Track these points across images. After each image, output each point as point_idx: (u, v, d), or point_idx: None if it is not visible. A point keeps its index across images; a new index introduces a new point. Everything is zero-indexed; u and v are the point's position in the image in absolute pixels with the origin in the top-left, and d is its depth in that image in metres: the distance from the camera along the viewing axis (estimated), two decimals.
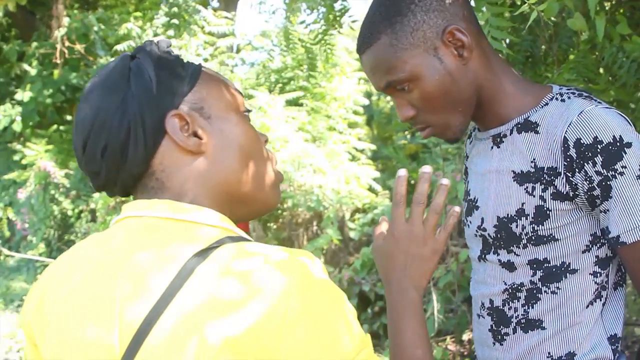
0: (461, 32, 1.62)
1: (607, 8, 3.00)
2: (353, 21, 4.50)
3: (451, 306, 5.27)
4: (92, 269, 1.21)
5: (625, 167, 1.51)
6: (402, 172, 1.57)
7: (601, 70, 2.94)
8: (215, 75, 1.36)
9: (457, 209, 1.55)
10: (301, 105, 8.80)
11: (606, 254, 1.66)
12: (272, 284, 1.07)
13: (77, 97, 12.21)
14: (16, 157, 11.98)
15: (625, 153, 1.51)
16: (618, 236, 1.56)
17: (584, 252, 1.64)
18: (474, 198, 1.81)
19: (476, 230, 1.79)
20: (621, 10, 3.18)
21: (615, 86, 2.83)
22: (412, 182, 11.01)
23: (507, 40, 3.09)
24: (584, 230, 1.63)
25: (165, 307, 1.09)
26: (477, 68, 1.67)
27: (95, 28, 11.01)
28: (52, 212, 11.00)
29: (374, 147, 9.67)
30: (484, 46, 1.70)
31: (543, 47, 3.24)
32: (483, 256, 1.78)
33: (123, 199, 8.50)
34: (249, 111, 1.38)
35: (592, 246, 1.64)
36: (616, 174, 1.52)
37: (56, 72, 11.61)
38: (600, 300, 1.68)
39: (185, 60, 1.33)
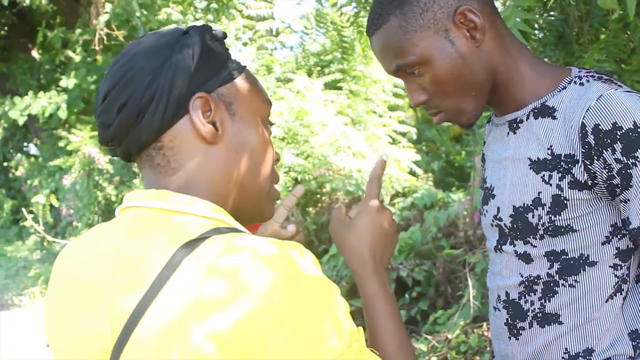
0: (473, 12, 1.55)
1: None
2: None
3: (487, 292, 5.18)
4: (90, 259, 1.22)
5: None
6: (384, 157, 1.60)
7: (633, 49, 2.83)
8: (254, 80, 1.36)
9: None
10: (340, 88, 8.74)
11: (627, 246, 1.57)
12: (258, 280, 1.05)
13: None
14: (61, 144, 12.14)
15: None
16: (638, 227, 1.48)
17: (603, 243, 1.56)
18: (491, 186, 1.74)
19: (492, 220, 1.71)
20: None
21: None
22: (456, 164, 10.97)
23: (540, 21, 3.00)
24: (603, 221, 1.55)
25: (153, 299, 1.09)
26: (491, 50, 1.59)
27: (138, 13, 11.04)
28: (96, 198, 11.12)
29: (414, 129, 9.56)
30: (499, 27, 1.62)
31: (575, 27, 3.14)
32: (499, 247, 1.71)
33: None
34: (272, 124, 1.39)
35: (613, 237, 1.56)
36: (637, 162, 1.43)
37: (99, 58, 11.69)
38: (621, 294, 1.59)
39: (230, 55, 1.33)
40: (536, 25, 3.13)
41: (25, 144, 17.59)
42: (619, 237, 1.56)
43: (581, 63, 2.78)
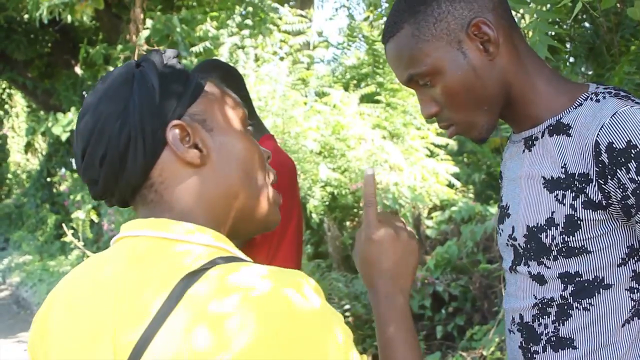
0: (487, 25, 1.50)
1: None
2: None
3: None
4: (90, 289, 1.20)
5: None
6: (370, 171, 1.49)
7: None
8: (219, 89, 1.33)
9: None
10: (377, 102, 8.71)
11: None
12: (246, 332, 1.03)
13: None
14: None
15: None
16: None
17: (619, 265, 1.51)
18: (506, 205, 1.70)
19: (507, 240, 1.66)
20: None
21: None
22: (497, 176, 10.87)
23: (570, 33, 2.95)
24: (619, 242, 1.50)
25: (157, 331, 1.07)
26: (505, 64, 1.55)
27: (178, 29, 11.13)
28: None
29: (452, 142, 9.49)
30: (516, 42, 1.58)
31: (605, 38, 3.07)
32: (514, 267, 1.66)
33: None
34: (251, 125, 1.36)
35: (629, 259, 1.50)
36: None
37: None
38: (638, 318, 1.53)
39: (189, 72, 1.30)
40: (566, 38, 3.08)
41: (69, 159, 17.81)
42: (635, 259, 1.51)
43: (612, 74, 2.72)
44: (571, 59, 3.16)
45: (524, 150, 1.63)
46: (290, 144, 7.32)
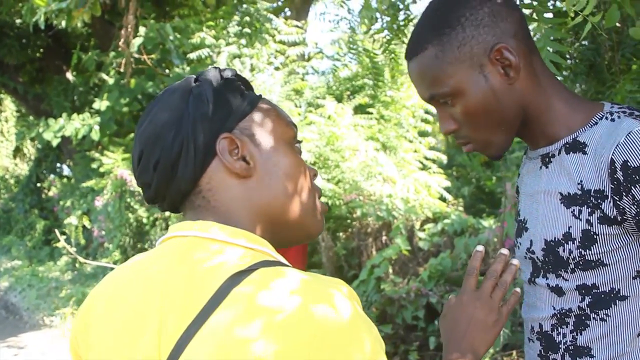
0: (509, 51, 1.55)
1: None
2: None
3: (518, 320, 5.16)
4: (138, 284, 1.25)
5: None
6: (480, 248, 1.62)
7: None
8: (272, 106, 1.40)
9: (518, 289, 1.61)
10: (370, 113, 8.75)
11: None
12: (275, 340, 1.07)
13: None
14: (94, 165, 12.25)
15: None
16: None
17: (634, 277, 1.56)
18: (524, 219, 1.75)
19: (525, 253, 1.72)
20: None
21: None
22: (487, 190, 10.92)
23: (571, 51, 3.01)
24: (634, 255, 1.55)
25: (199, 328, 1.11)
26: (524, 88, 1.60)
27: (171, 37, 11.16)
28: (128, 220, 11.19)
29: (444, 156, 9.56)
30: (535, 66, 1.63)
31: (606, 56, 3.14)
32: (533, 279, 1.71)
33: None
34: (299, 142, 1.43)
35: None
36: None
37: (133, 81, 11.80)
38: None
39: (245, 89, 1.37)
40: (567, 55, 3.13)
41: (58, 165, 17.78)
42: None
43: (613, 92, 2.78)
44: (571, 77, 3.22)
45: (540, 167, 1.68)
46: None
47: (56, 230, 12.05)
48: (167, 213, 9.98)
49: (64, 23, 8.81)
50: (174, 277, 1.20)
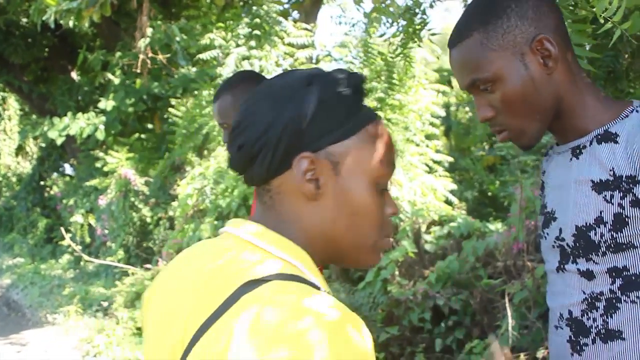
0: (550, 42, 1.64)
1: None
2: (432, 34, 4.49)
3: (526, 322, 5.19)
4: (182, 274, 1.29)
5: None
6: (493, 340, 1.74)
7: None
8: (381, 134, 1.31)
9: None
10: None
11: None
12: (282, 349, 1.05)
13: (158, 106, 12.48)
14: (98, 165, 12.31)
15: None
16: None
17: None
18: (552, 210, 1.81)
19: (554, 241, 1.78)
20: None
21: None
22: (490, 194, 10.95)
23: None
24: None
25: (210, 326, 1.14)
26: (560, 80, 1.68)
27: (178, 38, 11.21)
28: (132, 219, 11.24)
29: (451, 159, 9.60)
30: (570, 61, 1.71)
31: (625, 62, 3.18)
32: (562, 267, 1.76)
33: (201, 207, 8.62)
34: (385, 190, 1.34)
35: None
36: None
37: (139, 81, 11.87)
38: None
39: (355, 109, 1.29)
40: (585, 61, 3.17)
41: (61, 163, 17.83)
42: None
43: (631, 98, 2.82)
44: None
45: (571, 159, 1.75)
46: None
47: (62, 228, 12.09)
48: (171, 212, 10.01)
49: (71, 23, 8.86)
50: (205, 273, 1.23)
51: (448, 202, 8.52)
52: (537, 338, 5.00)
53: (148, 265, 9.07)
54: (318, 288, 1.20)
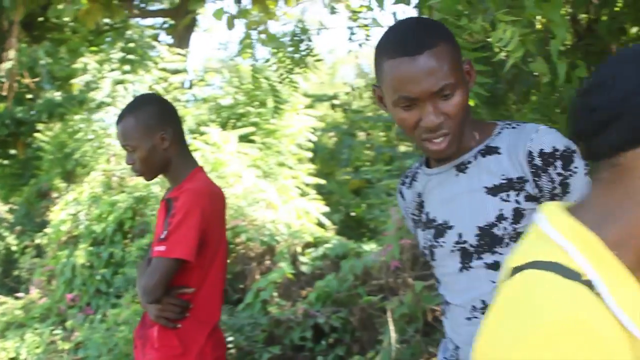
0: (471, 66, 1.97)
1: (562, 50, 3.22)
2: (317, 60, 4.70)
3: (405, 337, 5.40)
4: None
5: (577, 167, 1.89)
6: None
7: (557, 110, 3.16)
8: None
9: None
10: (253, 141, 8.94)
11: None
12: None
13: (21, 131, 12.18)
14: None
15: (575, 157, 1.89)
16: None
17: None
18: (444, 221, 2.05)
19: (453, 246, 2.02)
20: (577, 54, 3.41)
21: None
22: (353, 214, 11.23)
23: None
24: None
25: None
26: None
27: (43, 62, 11.03)
28: None
29: (323, 181, 9.84)
30: None
31: (503, 88, 3.45)
32: (466, 266, 2.01)
33: (75, 233, 8.49)
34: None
35: None
36: (572, 173, 1.89)
37: (2, 105, 11.58)
38: None
39: None
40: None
41: None
42: None
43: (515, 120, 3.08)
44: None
45: (457, 174, 2.02)
46: None
47: None
48: (39, 240, 9.76)
49: None
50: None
51: (320, 225, 8.72)
52: (417, 351, 5.23)
53: (20, 294, 8.83)
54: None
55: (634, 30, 3.86)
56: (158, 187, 7.85)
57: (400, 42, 1.88)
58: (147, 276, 2.86)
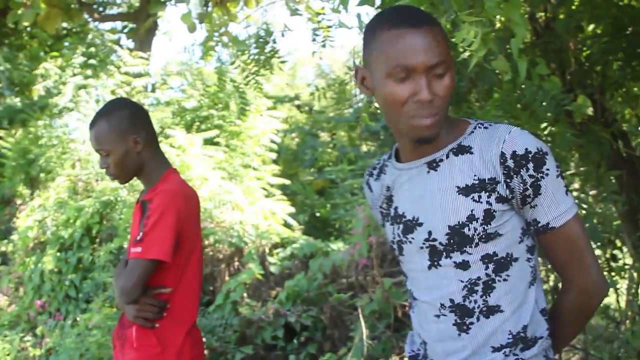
0: None
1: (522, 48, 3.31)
2: (282, 62, 4.76)
3: (376, 333, 5.48)
4: None
5: (548, 169, 1.90)
6: None
7: (519, 106, 3.25)
8: None
9: None
10: (217, 144, 8.97)
11: (532, 243, 2.02)
12: None
13: None
14: None
15: (547, 159, 1.91)
16: (547, 223, 1.94)
17: (519, 242, 1.98)
18: (414, 217, 2.07)
19: (422, 243, 2.04)
20: (537, 51, 3.51)
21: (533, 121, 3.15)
22: (318, 214, 11.29)
23: None
24: (517, 225, 1.97)
25: None
26: None
27: (1, 68, 10.95)
28: None
29: (288, 182, 9.90)
30: None
31: (464, 85, 3.54)
32: (434, 264, 2.03)
33: (42, 239, 8.46)
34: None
35: (524, 237, 1.99)
36: (543, 175, 1.90)
37: None
38: (535, 280, 2.02)
39: None
40: None
41: None
42: (527, 236, 2.00)
43: (478, 117, 3.17)
44: None
45: (428, 171, 2.04)
46: (137, 183, 7.44)
47: None
48: (3, 247, 9.71)
49: None
50: None
51: (287, 225, 8.78)
52: (388, 346, 5.32)
53: None
54: None
55: (590, 27, 3.99)
56: (125, 191, 7.86)
57: (402, 16, 1.93)
58: (125, 277, 2.90)
